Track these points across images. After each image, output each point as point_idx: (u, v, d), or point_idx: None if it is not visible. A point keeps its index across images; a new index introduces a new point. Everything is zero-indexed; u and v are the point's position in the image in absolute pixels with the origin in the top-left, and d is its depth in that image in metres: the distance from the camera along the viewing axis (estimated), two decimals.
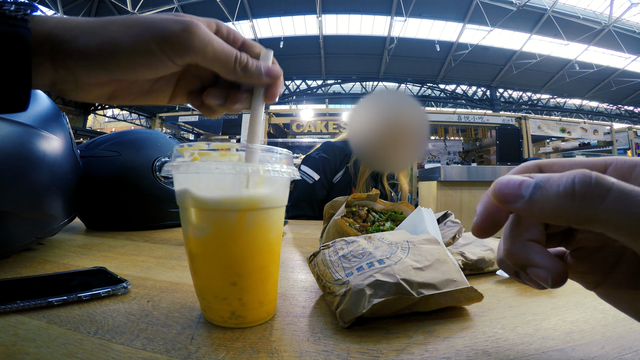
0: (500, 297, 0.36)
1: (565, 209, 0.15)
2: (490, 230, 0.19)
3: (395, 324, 0.28)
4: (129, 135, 0.84)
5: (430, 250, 0.33)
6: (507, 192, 0.17)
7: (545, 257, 0.17)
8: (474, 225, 0.19)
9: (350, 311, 0.26)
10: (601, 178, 0.15)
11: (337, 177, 1.20)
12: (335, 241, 0.36)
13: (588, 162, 0.19)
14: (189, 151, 0.26)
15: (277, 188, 0.28)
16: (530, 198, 0.16)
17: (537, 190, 0.16)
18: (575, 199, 0.15)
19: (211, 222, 0.26)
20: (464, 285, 0.30)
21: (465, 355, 0.23)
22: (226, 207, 0.25)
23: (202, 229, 0.26)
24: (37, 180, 0.47)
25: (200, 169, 0.25)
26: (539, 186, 0.16)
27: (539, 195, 0.16)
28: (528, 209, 0.17)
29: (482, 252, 0.47)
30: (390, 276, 0.27)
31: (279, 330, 0.26)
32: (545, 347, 0.24)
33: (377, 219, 0.50)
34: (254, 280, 0.27)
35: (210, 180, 0.26)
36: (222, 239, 0.26)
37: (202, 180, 0.26)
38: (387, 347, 0.24)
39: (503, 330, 0.27)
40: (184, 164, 0.26)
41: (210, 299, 0.27)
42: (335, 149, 1.23)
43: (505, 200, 0.17)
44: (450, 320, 0.29)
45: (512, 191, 0.17)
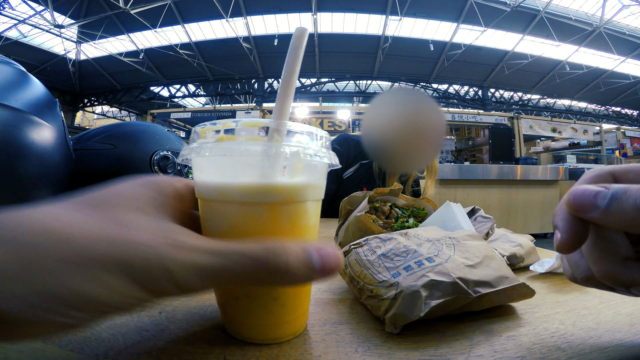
0: (541, 292, 0.34)
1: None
2: (577, 245, 0.18)
3: (447, 326, 0.25)
4: (124, 127, 0.79)
5: (477, 247, 0.29)
6: (583, 201, 0.17)
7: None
8: (561, 243, 0.19)
9: (404, 315, 0.22)
10: None
11: (348, 173, 1.14)
12: (367, 239, 0.32)
13: None
14: (213, 130, 0.21)
15: (317, 177, 0.23)
16: (607, 209, 0.17)
17: (613, 202, 0.16)
18: None
19: (239, 217, 0.20)
20: (517, 282, 0.27)
21: (539, 352, 0.21)
22: (257, 199, 0.20)
23: (227, 225, 0.21)
24: (25, 170, 0.43)
25: (228, 150, 0.20)
26: (616, 198, 0.16)
27: (615, 207, 0.16)
28: (603, 219, 0.17)
29: (512, 248, 0.44)
30: (445, 275, 0.24)
31: (320, 342, 0.23)
32: (616, 339, 0.23)
33: (400, 215, 0.47)
34: (292, 289, 0.22)
35: (239, 166, 0.21)
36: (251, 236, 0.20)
37: (228, 166, 0.21)
38: (451, 350, 0.21)
39: (564, 325, 0.26)
40: (207, 145, 0.20)
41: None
42: (351, 142, 1.16)
43: (581, 210, 0.18)
44: (503, 318, 0.27)
45: (588, 201, 0.17)
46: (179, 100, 12.14)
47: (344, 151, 1.14)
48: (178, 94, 11.44)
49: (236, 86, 10.98)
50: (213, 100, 11.65)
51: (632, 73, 10.15)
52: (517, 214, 3.83)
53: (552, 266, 0.40)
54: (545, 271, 0.40)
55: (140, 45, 9.51)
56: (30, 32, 8.29)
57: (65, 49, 9.25)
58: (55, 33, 8.30)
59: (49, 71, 9.53)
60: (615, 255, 0.19)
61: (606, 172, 0.20)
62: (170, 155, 0.78)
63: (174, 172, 0.78)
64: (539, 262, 0.42)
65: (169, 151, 0.79)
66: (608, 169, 0.20)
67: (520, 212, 3.83)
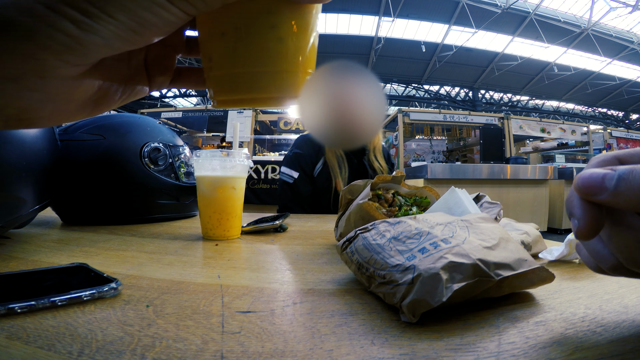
0: (556, 279, 0.32)
1: None
2: (596, 231, 0.18)
3: (467, 313, 0.23)
4: (114, 118, 0.75)
5: (492, 229, 0.27)
6: (591, 184, 0.17)
7: None
8: (579, 229, 0.18)
9: (424, 301, 0.20)
10: None
11: (317, 170, 1.14)
12: (374, 223, 0.30)
13: None
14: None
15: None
16: (615, 190, 0.16)
17: (620, 182, 0.16)
18: None
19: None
20: (536, 265, 0.25)
21: (575, 337, 0.20)
22: None
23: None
24: (6, 156, 0.39)
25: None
26: (623, 178, 0.16)
27: (623, 187, 0.16)
28: (614, 200, 0.17)
29: (519, 235, 0.43)
30: (465, 257, 0.22)
31: (330, 334, 0.20)
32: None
33: (403, 203, 0.44)
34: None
35: None
36: None
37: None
38: (478, 339, 0.19)
39: (590, 310, 0.24)
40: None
41: None
42: (309, 141, 1.16)
43: (590, 192, 0.17)
44: (526, 305, 0.25)
45: (596, 183, 0.17)
46: (170, 100, 11.98)
47: (305, 152, 1.14)
48: (169, 93, 11.29)
49: None
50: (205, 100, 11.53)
51: (618, 75, 10.40)
52: (508, 212, 3.86)
53: (561, 253, 0.39)
54: (555, 259, 0.39)
55: None
56: None
57: None
58: None
59: None
60: (639, 240, 0.18)
61: (612, 156, 0.20)
62: (161, 147, 0.75)
63: (165, 164, 0.75)
64: (547, 249, 0.41)
65: (160, 143, 0.76)
66: (613, 154, 0.20)
67: (512, 210, 3.87)
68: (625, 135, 7.20)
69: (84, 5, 0.12)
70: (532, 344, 0.19)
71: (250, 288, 0.29)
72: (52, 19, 0.12)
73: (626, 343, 0.19)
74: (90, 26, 0.13)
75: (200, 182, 0.52)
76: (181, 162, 0.80)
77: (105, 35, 0.13)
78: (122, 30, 0.13)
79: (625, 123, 12.62)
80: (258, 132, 5.99)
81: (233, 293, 0.28)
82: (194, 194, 0.78)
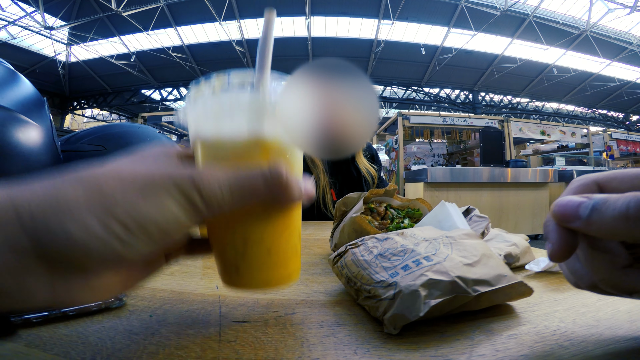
0: (539, 291, 0.34)
1: (621, 229, 0.17)
2: (568, 254, 0.19)
3: (447, 326, 0.25)
4: (115, 128, 0.77)
5: (474, 245, 0.29)
6: (567, 212, 0.18)
7: None
8: (552, 252, 0.19)
9: (403, 316, 0.22)
10: None
11: None
12: (363, 239, 0.32)
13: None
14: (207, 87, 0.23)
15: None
16: (588, 219, 0.18)
17: (593, 212, 0.17)
18: (629, 221, 0.16)
19: (231, 154, 0.22)
20: (515, 280, 0.27)
21: (542, 351, 0.21)
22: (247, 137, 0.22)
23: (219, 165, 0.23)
24: (10, 169, 0.41)
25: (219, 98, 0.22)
26: (596, 208, 0.17)
27: (595, 217, 0.17)
28: (587, 228, 0.18)
29: (507, 247, 0.44)
30: (444, 274, 0.24)
31: (318, 344, 0.22)
32: (618, 335, 0.23)
33: (395, 215, 0.46)
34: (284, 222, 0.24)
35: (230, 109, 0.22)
36: None
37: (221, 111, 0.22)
38: (452, 350, 0.21)
39: (564, 323, 0.26)
40: (202, 97, 0.23)
41: None
42: None
43: (565, 220, 0.19)
44: (503, 317, 0.27)
45: (572, 212, 0.18)
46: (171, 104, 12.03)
47: None
48: (170, 97, 11.35)
49: None
50: None
51: (618, 76, 10.41)
52: (508, 216, 3.88)
53: (547, 265, 0.40)
54: (541, 270, 0.40)
55: (131, 47, 9.42)
56: (19, 33, 8.16)
57: (55, 51, 9.12)
58: (45, 35, 8.18)
59: (38, 73, 9.38)
60: (614, 263, 0.19)
61: (591, 180, 0.21)
62: None
63: None
64: (534, 261, 0.42)
65: None
66: (593, 178, 0.21)
67: (512, 214, 3.88)
68: (625, 137, 7.21)
69: (129, 221, 0.16)
70: (501, 356, 0.20)
71: (246, 298, 0.31)
72: (103, 235, 0.15)
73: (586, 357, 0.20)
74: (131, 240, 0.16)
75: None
76: None
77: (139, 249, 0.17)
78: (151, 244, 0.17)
79: (625, 124, 12.62)
80: None
81: (230, 303, 0.30)
82: None
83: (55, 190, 0.15)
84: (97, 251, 0.15)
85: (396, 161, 5.45)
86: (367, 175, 1.16)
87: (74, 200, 0.15)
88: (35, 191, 0.15)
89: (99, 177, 0.16)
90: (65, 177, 0.16)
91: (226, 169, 0.19)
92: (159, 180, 0.17)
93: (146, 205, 0.16)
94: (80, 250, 0.15)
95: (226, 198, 0.19)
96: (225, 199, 0.19)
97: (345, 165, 1.15)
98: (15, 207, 0.14)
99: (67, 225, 0.15)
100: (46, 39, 8.53)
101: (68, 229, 0.15)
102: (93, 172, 0.17)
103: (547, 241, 0.20)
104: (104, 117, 13.42)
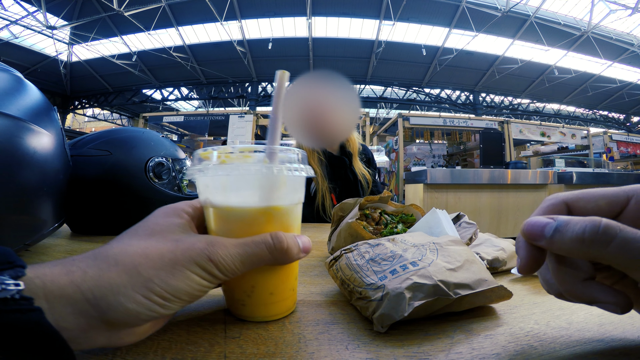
0: (521, 294, 0.36)
1: (577, 250, 0.19)
2: (534, 268, 0.22)
3: (431, 325, 0.27)
4: (119, 133, 0.79)
5: (459, 251, 0.32)
6: (534, 232, 0.21)
7: (608, 293, 0.21)
8: (520, 266, 0.22)
9: (390, 315, 0.25)
10: (609, 227, 0.19)
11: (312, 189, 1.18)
12: (357, 244, 0.34)
13: (612, 195, 0.22)
14: (215, 154, 0.27)
15: (298, 187, 0.29)
16: (550, 238, 0.20)
17: (556, 233, 0.20)
18: (584, 243, 0.19)
19: (239, 220, 0.27)
20: (495, 284, 0.30)
21: (513, 350, 0.24)
22: (255, 206, 0.26)
23: (229, 229, 0.27)
24: (27, 180, 0.43)
25: (229, 170, 0.25)
26: (558, 230, 0.20)
27: (557, 237, 0.20)
28: (549, 247, 0.21)
29: (495, 252, 0.47)
30: (428, 278, 0.26)
31: (314, 340, 0.25)
32: (585, 338, 0.25)
33: (389, 221, 0.49)
34: (285, 272, 0.28)
35: (239, 182, 0.27)
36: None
37: (231, 182, 0.26)
38: (433, 348, 0.23)
39: (538, 325, 0.28)
40: (213, 166, 0.26)
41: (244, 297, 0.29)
42: None
43: (532, 238, 0.21)
44: (484, 319, 0.29)
45: (537, 231, 0.21)
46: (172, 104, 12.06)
47: None
48: (171, 97, 11.38)
49: (229, 90, 10.96)
50: (206, 104, 11.62)
51: (619, 77, 10.41)
52: (507, 217, 3.89)
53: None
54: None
55: (133, 47, 9.45)
56: (21, 33, 8.19)
57: (57, 51, 9.14)
58: (47, 34, 8.21)
59: (39, 73, 9.41)
60: (576, 276, 0.22)
61: (560, 200, 0.23)
62: (165, 161, 0.79)
63: (169, 178, 0.79)
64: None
65: (163, 157, 0.80)
66: (562, 198, 0.24)
67: (511, 215, 3.89)
68: (626, 138, 7.22)
69: (165, 293, 0.21)
70: (476, 354, 0.23)
71: None
72: (149, 305, 0.21)
73: (552, 358, 0.23)
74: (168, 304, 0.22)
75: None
76: (183, 175, 0.84)
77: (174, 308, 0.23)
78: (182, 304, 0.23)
79: (626, 126, 12.62)
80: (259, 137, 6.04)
81: None
82: None
83: (103, 273, 0.20)
84: (145, 315, 0.21)
85: (396, 162, 5.47)
86: (362, 180, 1.20)
87: (122, 283, 0.20)
88: (87, 274, 0.20)
89: (134, 259, 0.21)
90: (104, 260, 0.21)
91: (236, 242, 0.24)
92: (182, 259, 0.22)
93: (175, 280, 0.22)
94: (133, 316, 0.21)
95: (238, 267, 0.24)
96: (237, 268, 0.24)
97: (342, 170, 1.19)
98: (79, 289, 0.19)
99: (121, 300, 0.20)
100: (48, 39, 8.57)
101: (122, 302, 0.20)
102: (126, 252, 0.22)
103: (517, 256, 0.23)
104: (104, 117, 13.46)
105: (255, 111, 5.90)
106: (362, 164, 1.24)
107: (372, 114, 11.94)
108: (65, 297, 0.19)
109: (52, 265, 0.20)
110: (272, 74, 0.29)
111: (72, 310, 0.19)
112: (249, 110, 5.90)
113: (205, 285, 0.23)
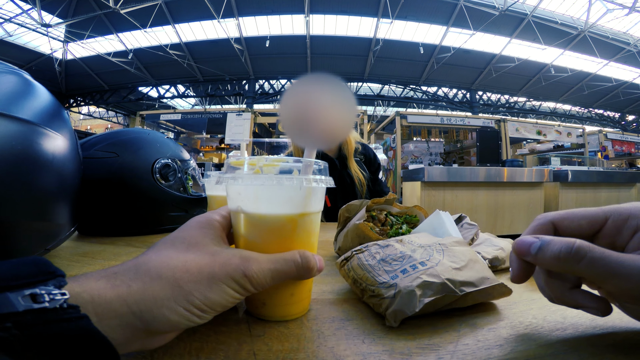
0: (519, 291, 0.39)
1: (556, 265, 0.24)
2: (525, 278, 0.26)
3: (438, 320, 0.29)
4: (126, 135, 0.80)
5: (463, 252, 0.34)
6: (522, 249, 0.25)
7: (591, 300, 0.25)
8: (512, 277, 0.27)
9: (402, 311, 0.27)
10: (580, 248, 0.23)
11: None
12: (367, 245, 0.36)
13: (591, 216, 0.26)
14: (249, 164, 0.29)
15: (320, 197, 0.32)
16: (535, 255, 0.24)
17: (539, 252, 0.24)
18: (560, 261, 0.23)
19: (269, 226, 0.29)
20: (496, 282, 0.32)
21: (514, 341, 0.26)
22: (284, 213, 0.28)
23: (258, 234, 0.29)
24: (45, 185, 0.43)
25: (264, 180, 0.27)
26: (541, 249, 0.24)
27: (540, 255, 0.24)
28: (534, 262, 0.25)
29: (494, 251, 0.49)
30: (436, 277, 0.28)
31: (333, 336, 0.27)
32: (578, 331, 0.28)
33: (394, 222, 0.51)
34: (302, 286, 0.30)
35: (273, 191, 0.28)
36: (279, 242, 0.29)
37: (264, 191, 0.28)
38: (442, 340, 0.26)
39: (536, 319, 0.30)
40: (247, 175, 0.28)
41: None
42: None
43: (521, 254, 0.25)
44: (486, 314, 0.31)
45: (525, 249, 0.25)
46: (168, 101, 12.00)
47: None
48: (167, 94, 11.31)
49: (226, 87, 10.91)
50: (203, 102, 11.57)
51: (615, 76, 10.49)
52: (504, 215, 3.94)
53: None
54: None
55: (129, 45, 9.39)
56: (16, 30, 8.10)
57: (51, 49, 9.06)
58: (42, 32, 8.13)
59: (34, 70, 9.31)
60: (563, 285, 0.26)
61: (548, 220, 0.27)
62: (171, 162, 0.80)
63: (175, 179, 0.80)
64: None
65: (169, 159, 0.81)
66: (550, 218, 0.27)
67: (507, 213, 3.93)
68: (620, 137, 7.30)
69: (202, 305, 0.23)
70: (481, 345, 0.25)
71: None
72: (188, 316, 0.23)
73: (549, 348, 0.25)
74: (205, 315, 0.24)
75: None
76: (188, 176, 0.85)
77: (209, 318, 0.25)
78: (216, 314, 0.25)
79: (621, 124, 12.74)
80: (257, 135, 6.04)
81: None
82: (200, 205, 0.84)
83: (147, 287, 0.22)
84: (184, 324, 0.23)
85: (394, 160, 5.50)
86: (357, 182, 1.22)
87: (165, 297, 0.22)
88: (131, 288, 0.22)
89: (175, 273, 0.23)
90: (146, 274, 0.23)
91: (267, 259, 0.27)
92: (219, 274, 0.24)
93: (212, 293, 0.24)
94: (173, 326, 0.23)
95: (268, 282, 0.26)
96: (268, 282, 0.26)
97: (337, 172, 1.20)
98: (126, 302, 0.21)
99: (164, 312, 0.22)
100: (43, 37, 8.49)
101: (165, 314, 0.22)
102: (167, 266, 0.23)
103: (510, 267, 0.27)
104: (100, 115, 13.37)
105: (252, 109, 5.89)
106: (357, 165, 1.26)
107: (370, 112, 11.95)
108: (113, 310, 0.20)
109: (95, 279, 0.21)
110: (270, 71, 0.31)
111: (119, 323, 0.20)
112: (246, 108, 5.89)
113: (238, 297, 0.25)
